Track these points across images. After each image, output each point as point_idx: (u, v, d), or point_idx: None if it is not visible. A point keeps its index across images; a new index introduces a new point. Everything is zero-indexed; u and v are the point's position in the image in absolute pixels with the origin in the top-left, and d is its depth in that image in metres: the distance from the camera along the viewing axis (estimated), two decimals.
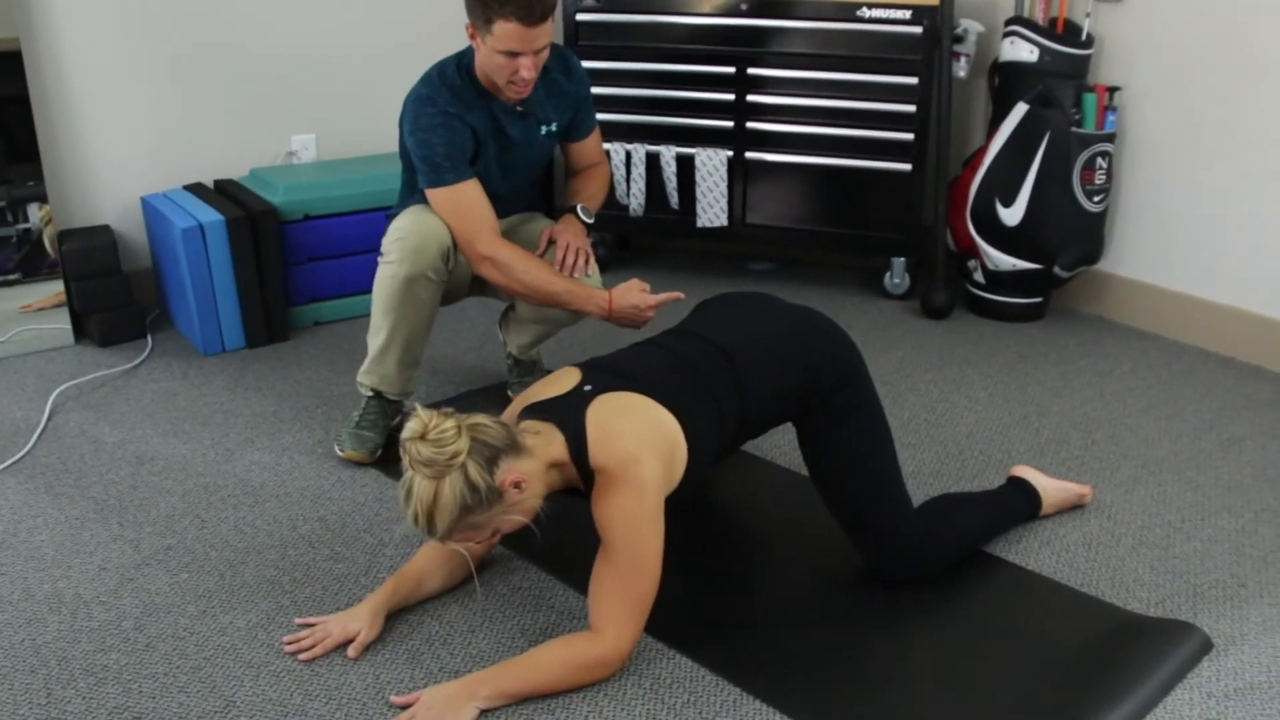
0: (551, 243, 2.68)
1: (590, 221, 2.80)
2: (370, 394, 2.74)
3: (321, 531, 2.44)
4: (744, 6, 3.74)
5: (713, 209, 3.93)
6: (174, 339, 3.48)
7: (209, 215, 3.29)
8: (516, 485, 1.88)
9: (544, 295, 2.59)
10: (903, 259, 3.90)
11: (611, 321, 2.61)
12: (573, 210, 2.79)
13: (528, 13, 2.40)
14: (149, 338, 3.46)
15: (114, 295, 3.40)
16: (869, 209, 3.84)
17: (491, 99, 2.61)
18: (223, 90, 3.68)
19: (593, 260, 2.70)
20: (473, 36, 2.52)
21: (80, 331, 3.45)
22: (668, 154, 3.90)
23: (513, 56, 2.46)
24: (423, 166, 2.56)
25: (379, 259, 2.61)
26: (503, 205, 2.70)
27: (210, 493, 2.59)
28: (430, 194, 2.57)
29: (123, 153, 3.54)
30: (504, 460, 1.87)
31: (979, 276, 3.76)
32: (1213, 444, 2.91)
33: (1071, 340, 3.60)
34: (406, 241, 2.53)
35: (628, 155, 3.93)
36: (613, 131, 3.90)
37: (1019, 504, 2.45)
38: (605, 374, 2.07)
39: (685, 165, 3.91)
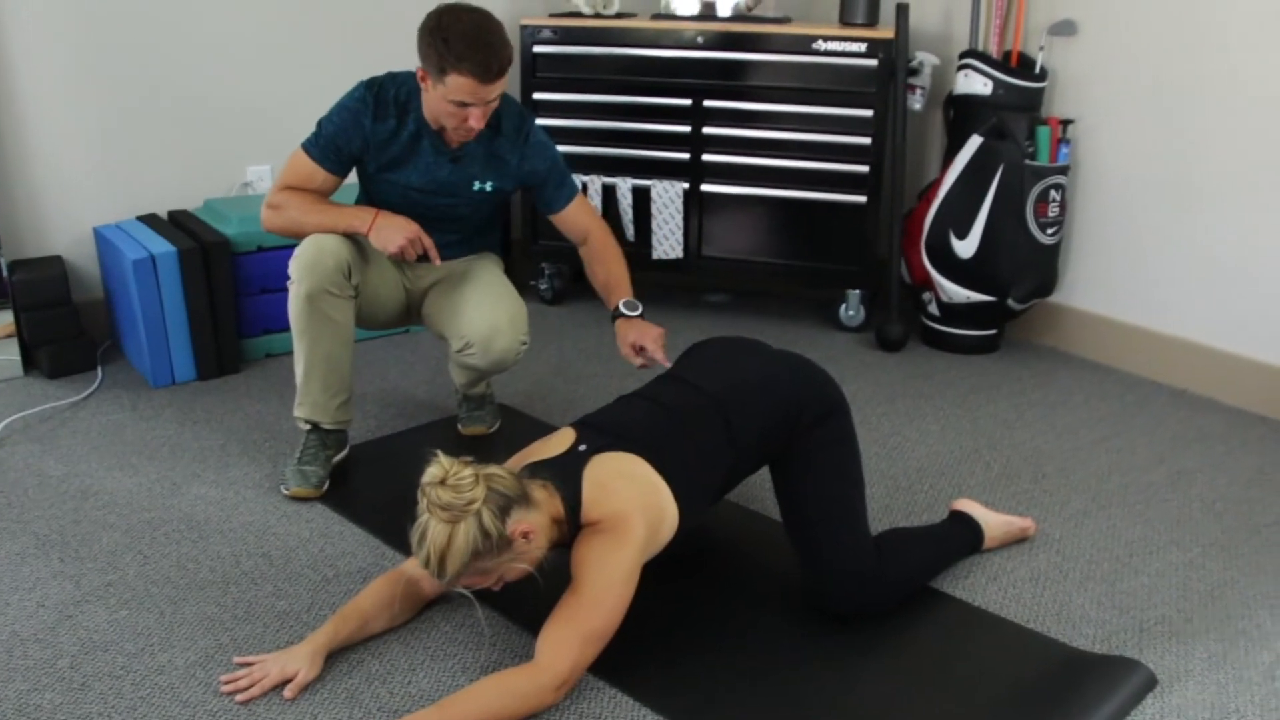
0: (642, 350, 2.59)
1: (639, 312, 2.68)
2: (307, 427, 2.73)
3: (265, 568, 2.41)
4: (700, 40, 3.76)
5: (668, 241, 3.93)
6: (125, 371, 3.44)
7: (161, 246, 3.26)
8: (525, 535, 1.95)
9: (316, 226, 2.61)
10: (858, 291, 3.91)
11: (372, 238, 2.59)
12: (619, 316, 2.68)
13: (484, 70, 2.41)
14: (99, 369, 3.42)
15: (64, 326, 3.37)
16: (824, 241, 3.85)
17: (429, 135, 2.63)
18: (177, 121, 3.66)
19: (663, 343, 2.62)
20: (423, 79, 2.51)
21: (29, 363, 3.41)
22: (624, 186, 3.90)
23: (463, 106, 2.47)
24: (315, 129, 2.64)
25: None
26: (444, 250, 2.70)
27: (154, 528, 2.56)
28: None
29: (75, 183, 3.52)
30: (515, 510, 1.94)
31: (933, 309, 3.78)
32: (1163, 477, 2.92)
33: (1025, 372, 3.62)
34: (302, 259, 2.57)
35: (584, 187, 3.93)
36: (569, 163, 3.90)
37: (963, 538, 2.46)
38: (598, 433, 2.14)
39: (641, 197, 3.92)
